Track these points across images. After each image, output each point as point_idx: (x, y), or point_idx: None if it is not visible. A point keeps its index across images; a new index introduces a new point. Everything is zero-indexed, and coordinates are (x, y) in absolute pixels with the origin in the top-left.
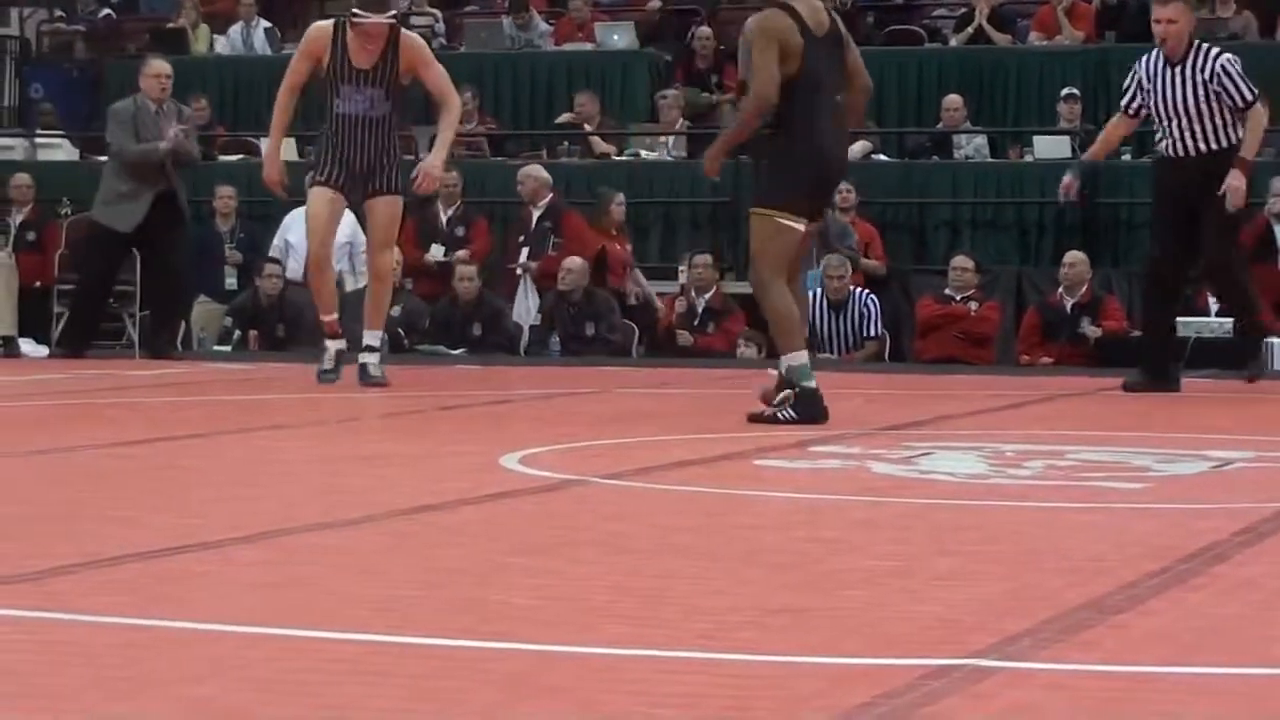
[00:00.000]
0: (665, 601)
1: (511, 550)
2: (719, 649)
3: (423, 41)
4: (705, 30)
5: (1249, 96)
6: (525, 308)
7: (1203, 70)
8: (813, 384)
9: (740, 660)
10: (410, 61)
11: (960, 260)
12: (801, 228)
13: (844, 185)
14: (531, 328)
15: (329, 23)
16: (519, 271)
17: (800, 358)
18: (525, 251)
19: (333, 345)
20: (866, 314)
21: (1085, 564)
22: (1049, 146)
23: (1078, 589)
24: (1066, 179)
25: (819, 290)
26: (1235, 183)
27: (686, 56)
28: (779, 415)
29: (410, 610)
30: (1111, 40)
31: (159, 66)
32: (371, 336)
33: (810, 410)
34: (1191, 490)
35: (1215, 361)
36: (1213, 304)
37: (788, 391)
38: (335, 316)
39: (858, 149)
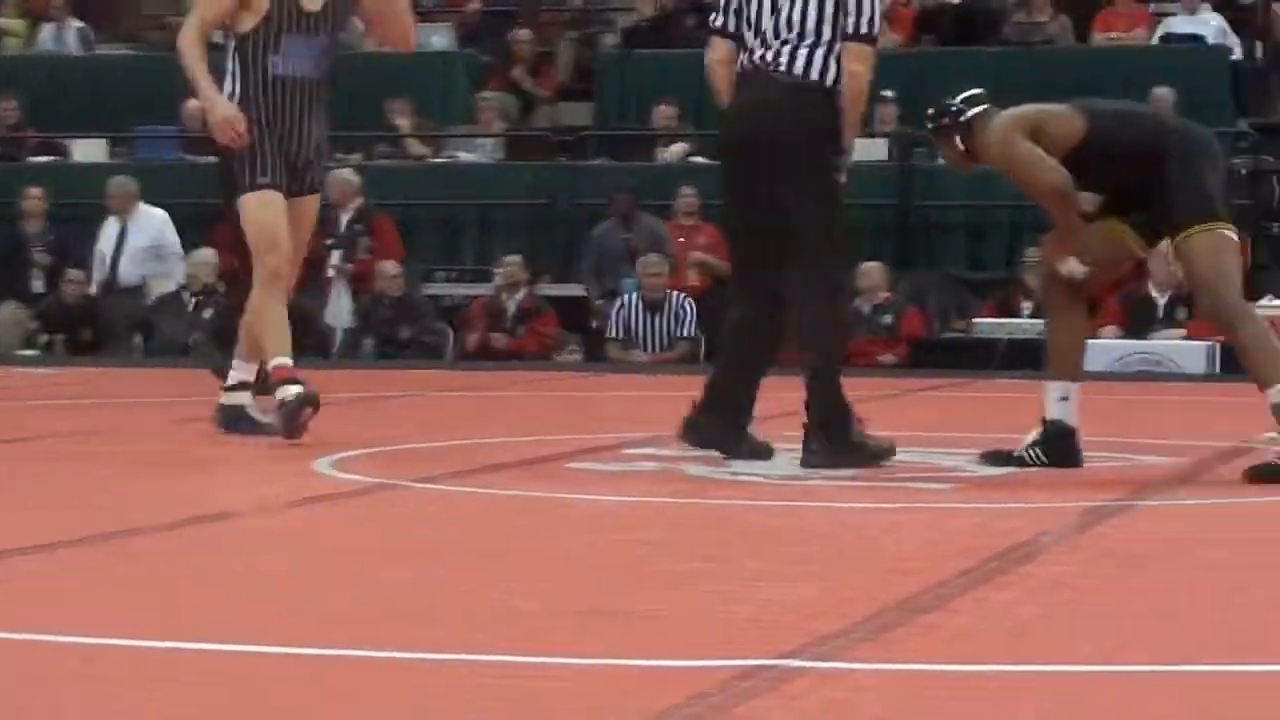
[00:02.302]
0: (480, 605)
1: (326, 555)
2: (533, 651)
3: None
4: (525, 33)
5: (872, 30)
6: (336, 310)
7: None
8: None
9: (554, 663)
10: None
11: None
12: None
13: (687, 189)
14: (346, 330)
15: None
16: (331, 274)
17: None
18: (337, 254)
19: (294, 389)
20: (682, 315)
21: (895, 564)
22: (865, 149)
23: (888, 589)
24: None
25: (635, 293)
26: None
27: (506, 58)
28: None
29: (225, 616)
30: (930, 44)
31: None
32: (246, 370)
33: None
34: (1000, 490)
35: (1027, 363)
36: (1025, 305)
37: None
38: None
39: (677, 150)
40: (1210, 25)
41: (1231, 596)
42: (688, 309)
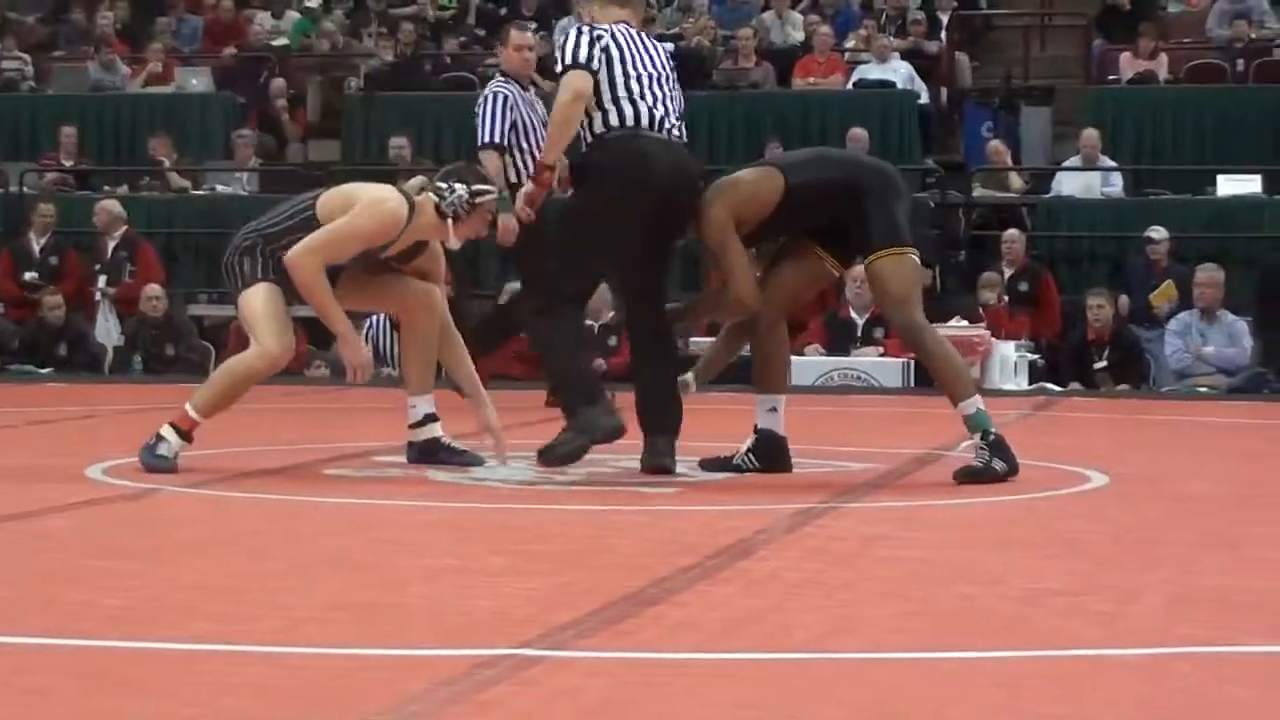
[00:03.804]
0: (242, 600)
1: (98, 554)
2: (289, 643)
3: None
4: (280, 81)
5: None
6: (105, 329)
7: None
8: (998, 433)
9: (309, 653)
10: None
11: (514, 286)
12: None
13: None
14: (115, 348)
15: (403, 205)
16: (98, 297)
17: (979, 403)
18: (103, 279)
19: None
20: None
21: (625, 560)
22: None
23: (618, 583)
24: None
25: (383, 314)
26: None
27: (260, 100)
28: (994, 466)
29: (1, 612)
30: None
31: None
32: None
33: (1009, 457)
34: (719, 494)
35: (735, 377)
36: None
37: (976, 442)
38: None
39: (415, 183)
40: (899, 72)
41: (930, 588)
42: None
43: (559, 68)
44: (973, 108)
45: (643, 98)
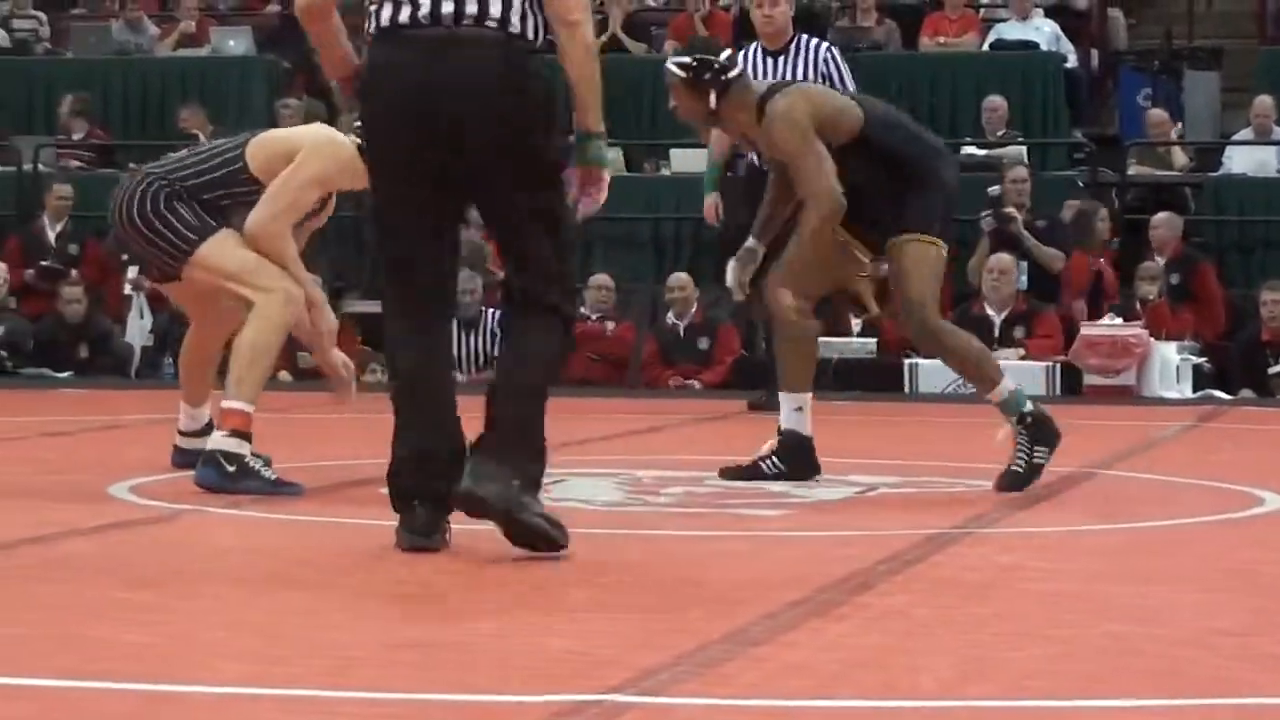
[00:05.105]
0: (285, 638)
1: (121, 584)
2: (341, 687)
3: None
4: None
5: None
6: (137, 328)
7: (808, 54)
8: (1033, 406)
9: (363, 699)
10: None
11: (598, 279)
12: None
13: None
14: (143, 349)
15: (351, 147)
16: (127, 289)
17: (1009, 384)
18: (133, 269)
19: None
20: (498, 335)
21: (724, 594)
22: (686, 160)
23: (717, 620)
24: (708, 202)
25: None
26: None
27: (309, 64)
28: (1037, 460)
29: (10, 650)
30: None
31: None
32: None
33: (1049, 433)
34: (834, 517)
35: (858, 383)
36: (855, 324)
37: (1013, 428)
38: None
39: None
40: (1043, 32)
41: (1077, 627)
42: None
43: None
44: (1129, 72)
45: None
